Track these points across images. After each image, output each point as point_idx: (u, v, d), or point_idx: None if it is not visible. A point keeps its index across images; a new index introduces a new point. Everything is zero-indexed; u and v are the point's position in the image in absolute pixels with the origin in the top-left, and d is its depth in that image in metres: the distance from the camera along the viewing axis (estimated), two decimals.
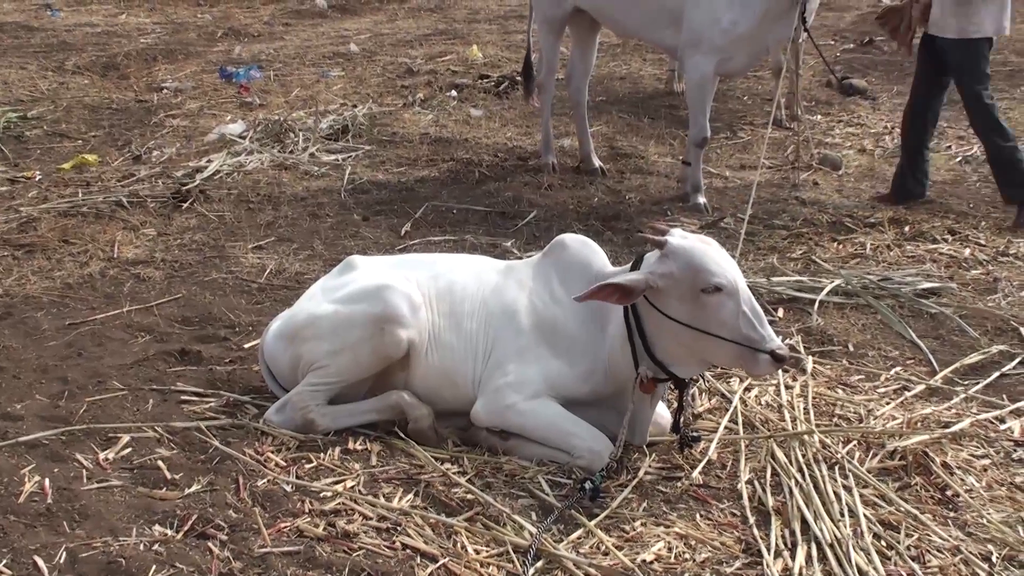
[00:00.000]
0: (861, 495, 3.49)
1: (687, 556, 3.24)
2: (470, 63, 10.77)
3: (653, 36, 6.67)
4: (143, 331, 4.73)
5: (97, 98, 9.03)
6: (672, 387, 3.69)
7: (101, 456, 3.62)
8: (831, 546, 3.24)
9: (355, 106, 8.74)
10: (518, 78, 9.80)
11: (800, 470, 3.60)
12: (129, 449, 3.67)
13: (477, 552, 3.21)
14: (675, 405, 3.74)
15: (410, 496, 3.47)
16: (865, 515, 3.39)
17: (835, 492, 3.49)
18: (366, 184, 6.91)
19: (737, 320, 3.37)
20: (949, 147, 8.17)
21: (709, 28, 6.20)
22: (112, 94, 9.18)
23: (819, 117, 9.17)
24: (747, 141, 8.28)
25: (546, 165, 7.31)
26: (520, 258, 5.35)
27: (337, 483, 3.51)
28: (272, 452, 3.66)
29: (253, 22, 13.15)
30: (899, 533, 3.33)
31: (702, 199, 6.65)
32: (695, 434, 3.75)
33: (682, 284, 3.40)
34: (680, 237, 3.48)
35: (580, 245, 3.83)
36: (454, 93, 9.40)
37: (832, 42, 13.06)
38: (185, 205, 6.38)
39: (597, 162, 7.38)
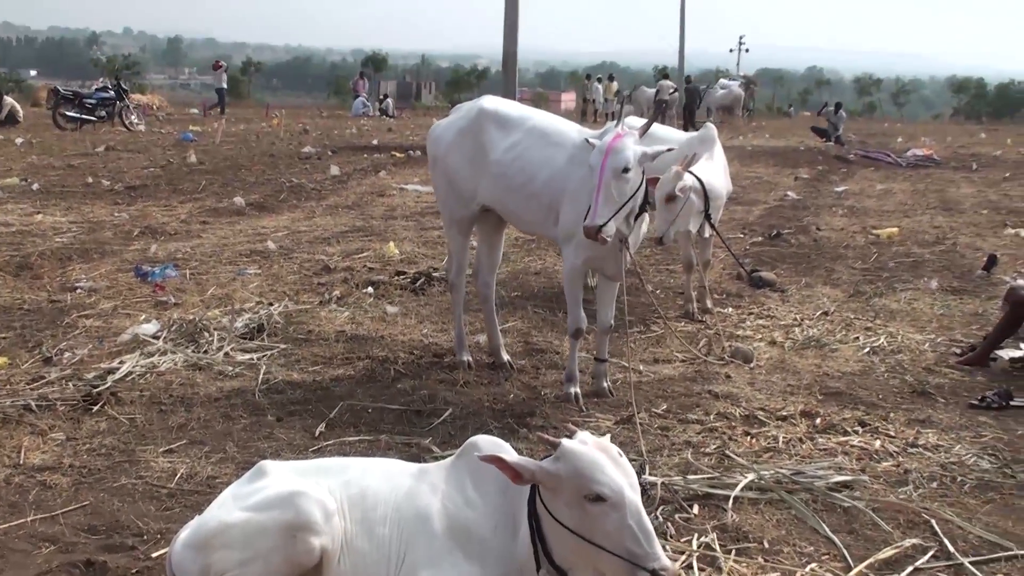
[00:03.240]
0: None
1: None
2: (387, 260, 10.94)
3: (545, 232, 6.91)
4: (47, 541, 4.61)
5: (9, 299, 8.97)
6: None
7: None
8: None
9: (271, 304, 8.78)
10: (435, 274, 9.98)
11: None
12: None
13: None
14: None
15: None
16: None
17: None
18: (281, 384, 6.90)
19: (621, 533, 3.35)
20: (857, 338, 8.39)
21: (576, 227, 6.38)
22: (24, 294, 9.13)
23: (730, 310, 9.40)
24: (660, 335, 8.43)
25: (461, 363, 7.38)
26: (437, 458, 5.36)
27: None
28: None
29: (170, 220, 13.26)
30: None
31: (575, 389, 6.77)
32: None
33: (568, 488, 3.43)
34: (579, 441, 3.52)
35: (493, 447, 3.85)
36: (370, 290, 9.50)
37: (741, 235, 13.50)
38: (95, 408, 6.30)
39: (506, 356, 7.49)
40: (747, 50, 75.15)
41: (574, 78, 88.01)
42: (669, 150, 6.32)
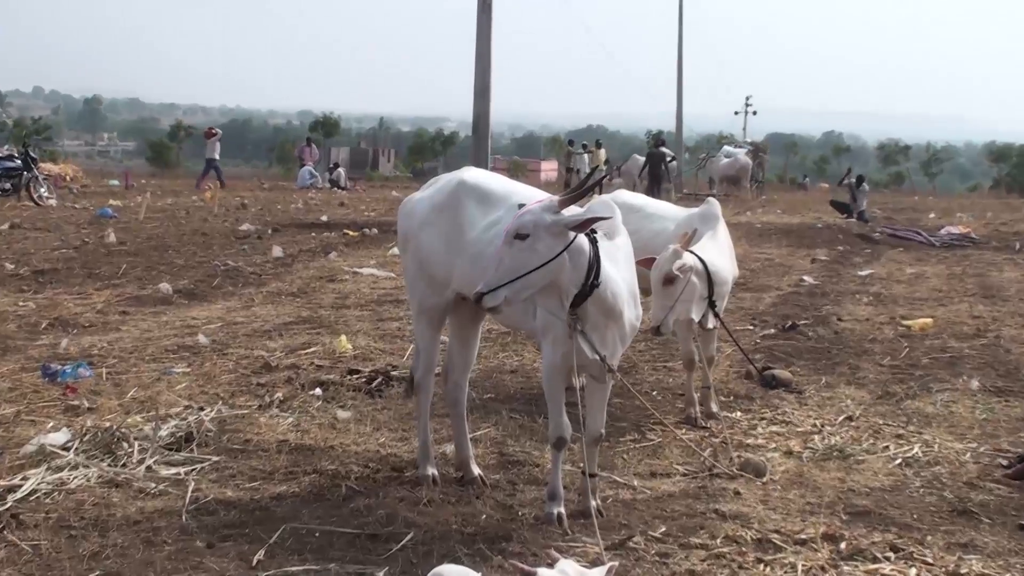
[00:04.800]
0: None
1: None
2: (338, 356, 10.93)
3: (524, 324, 6.91)
4: None
5: None
6: None
7: None
8: None
9: (202, 409, 8.75)
10: (393, 373, 9.96)
11: None
12: None
13: None
14: None
15: None
16: None
17: None
18: (212, 503, 6.84)
19: None
20: (887, 447, 8.40)
21: (552, 319, 6.42)
22: None
23: (738, 414, 9.41)
24: (657, 444, 8.42)
25: (425, 477, 7.36)
26: None
27: None
28: None
29: (84, 311, 13.22)
30: None
31: (558, 508, 6.73)
32: None
33: None
34: (558, 571, 3.50)
35: None
36: (319, 392, 9.49)
37: (751, 327, 13.54)
38: None
39: (476, 470, 7.48)
40: (755, 112, 76.09)
41: (555, 144, 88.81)
42: (601, 219, 6.23)
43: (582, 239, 6.13)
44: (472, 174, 7.31)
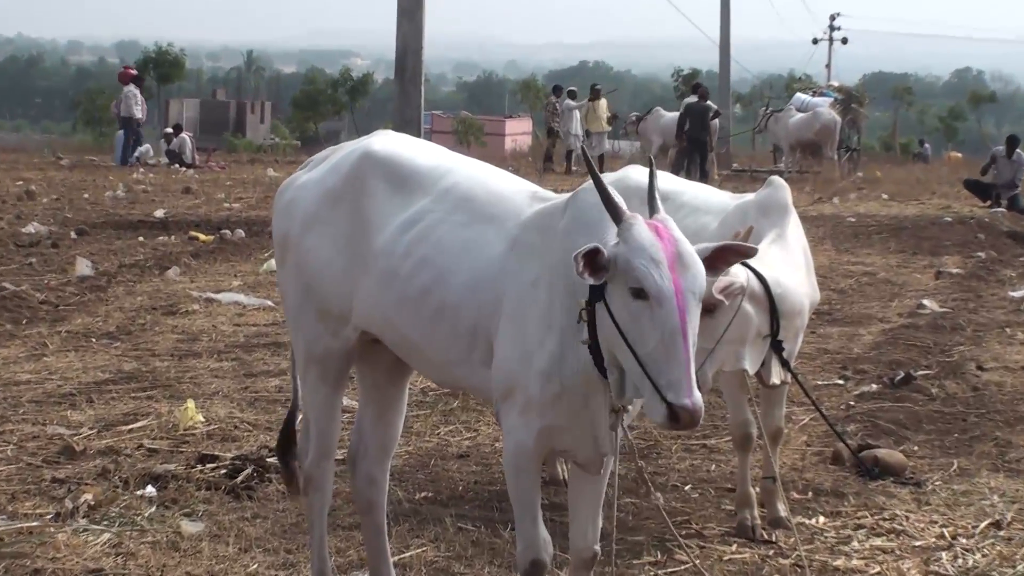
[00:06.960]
0: None
1: None
2: (182, 434, 10.88)
3: (469, 381, 6.85)
4: None
5: None
6: None
7: None
8: None
9: None
10: (270, 459, 9.93)
11: None
12: None
13: None
14: None
15: None
16: None
17: None
18: None
19: None
20: None
21: (522, 370, 6.36)
22: None
23: (822, 520, 9.41)
24: (692, 569, 8.40)
25: None
26: None
27: None
28: None
29: None
30: None
31: None
32: None
33: None
34: None
35: None
36: (152, 491, 9.47)
37: (840, 382, 13.55)
38: None
39: None
40: (844, 40, 76.15)
41: (529, 93, 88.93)
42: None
43: None
44: (384, 143, 7.29)
